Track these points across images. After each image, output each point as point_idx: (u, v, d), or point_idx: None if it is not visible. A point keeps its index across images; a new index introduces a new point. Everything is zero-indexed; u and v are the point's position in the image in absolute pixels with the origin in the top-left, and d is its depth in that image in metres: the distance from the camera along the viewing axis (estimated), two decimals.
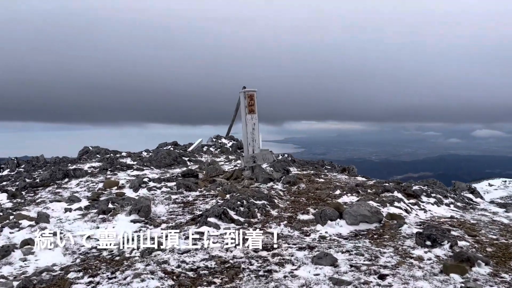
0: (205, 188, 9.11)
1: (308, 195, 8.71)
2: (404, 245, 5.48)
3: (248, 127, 10.13)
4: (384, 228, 6.29)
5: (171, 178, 9.89)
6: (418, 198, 8.67)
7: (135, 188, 9.34)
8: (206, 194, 8.77)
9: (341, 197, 8.40)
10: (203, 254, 5.27)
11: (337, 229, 6.26)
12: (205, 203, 8.14)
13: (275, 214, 7.22)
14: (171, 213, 7.55)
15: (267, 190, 8.89)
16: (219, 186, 9.03)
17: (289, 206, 7.79)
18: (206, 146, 18.35)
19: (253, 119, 10.20)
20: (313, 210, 7.33)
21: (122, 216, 7.35)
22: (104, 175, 11.44)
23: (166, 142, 20.51)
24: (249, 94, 10.17)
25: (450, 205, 8.61)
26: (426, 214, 7.84)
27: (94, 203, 8.32)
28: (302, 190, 9.19)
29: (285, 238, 5.86)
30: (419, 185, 9.25)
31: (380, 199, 8.04)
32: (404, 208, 7.81)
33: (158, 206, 7.96)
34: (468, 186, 10.08)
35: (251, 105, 10.13)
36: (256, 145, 10.22)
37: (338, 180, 10.65)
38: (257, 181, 9.47)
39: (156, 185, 9.51)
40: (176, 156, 13.52)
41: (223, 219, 6.55)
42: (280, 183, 9.41)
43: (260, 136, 16.56)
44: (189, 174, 10.22)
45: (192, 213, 7.51)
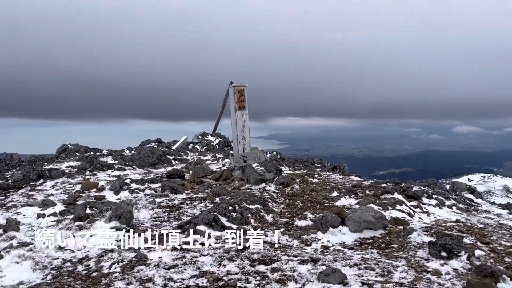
0: (193, 190, 8.45)
1: (304, 198, 8.15)
2: (416, 256, 4.95)
3: (238, 124, 9.50)
4: (391, 236, 5.76)
5: (155, 179, 9.19)
6: (419, 200, 8.20)
7: (116, 191, 8.61)
8: (194, 197, 8.12)
9: (339, 200, 7.86)
10: (193, 269, 4.65)
11: (340, 237, 5.71)
12: (192, 207, 7.49)
13: (270, 219, 6.62)
14: (155, 219, 6.88)
15: (259, 192, 8.29)
16: (208, 188, 8.39)
17: (284, 210, 7.20)
18: (191, 144, 17.64)
19: (244, 115, 9.56)
20: (311, 215, 6.76)
21: (101, 223, 6.64)
22: (83, 176, 10.65)
23: (149, 140, 19.71)
24: (239, 89, 9.53)
25: (452, 207, 8.17)
26: (430, 218, 7.37)
27: (70, 207, 7.57)
28: (296, 191, 8.62)
29: (284, 249, 5.27)
30: (419, 186, 8.79)
31: (381, 202, 7.53)
32: (406, 211, 7.33)
33: (141, 211, 7.27)
34: (468, 186, 9.68)
35: (241, 101, 9.49)
36: (247, 143, 9.60)
37: (333, 180, 10.11)
38: (248, 182, 8.86)
39: (139, 187, 8.80)
40: (160, 155, 12.79)
41: (213, 226, 5.92)
42: (273, 184, 8.82)
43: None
44: (174, 175, 9.53)
45: (179, 218, 6.85)
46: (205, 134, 18.70)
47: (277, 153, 17.63)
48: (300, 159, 17.75)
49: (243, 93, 9.53)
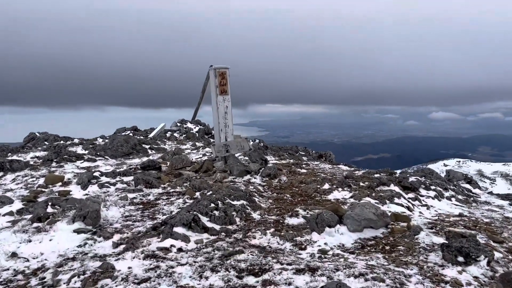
0: (170, 184, 7.62)
1: (293, 190, 7.43)
2: (428, 261, 4.29)
3: (219, 110, 8.66)
4: (394, 235, 5.10)
5: (128, 172, 8.31)
6: (416, 192, 7.60)
7: (83, 185, 7.71)
8: (171, 191, 7.29)
9: (331, 193, 7.18)
10: (169, 283, 3.87)
11: (338, 238, 5.01)
12: (169, 203, 6.68)
13: (257, 217, 5.88)
14: (127, 218, 6.04)
15: (244, 185, 7.52)
16: (187, 182, 7.57)
17: (272, 206, 6.47)
18: (169, 132, 16.68)
19: (226, 101, 8.73)
20: (302, 211, 6.05)
21: (62, 224, 5.75)
22: (48, 168, 9.65)
23: (125, 127, 18.63)
24: (220, 72, 8.67)
25: (451, 199, 7.61)
26: (431, 212, 6.78)
27: (30, 205, 6.65)
28: (284, 184, 7.90)
29: (275, 254, 4.53)
30: (416, 176, 8.18)
31: (377, 195, 6.89)
32: (405, 205, 6.71)
33: (110, 208, 6.40)
34: (464, 176, 9.16)
35: (223, 85, 8.65)
36: (230, 131, 8.79)
37: (322, 170, 9.44)
38: (232, 174, 8.08)
39: (109, 180, 7.91)
40: (135, 144, 11.84)
41: (193, 228, 5.13)
42: (259, 176, 8.07)
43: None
44: (150, 166, 8.66)
45: (154, 217, 6.03)
46: (184, 122, 17.75)
47: (260, 140, 16.89)
48: (284, 147, 17.07)
49: (225, 76, 8.68)
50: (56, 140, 15.67)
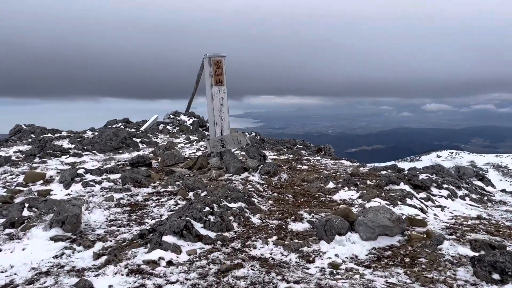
0: (161, 183, 6.99)
1: (294, 190, 6.83)
2: (458, 278, 3.71)
3: (214, 102, 8.01)
4: (413, 244, 4.52)
5: (116, 169, 7.65)
6: (428, 191, 7.03)
7: (66, 183, 7.06)
8: (162, 191, 6.66)
9: (337, 192, 6.59)
10: None
11: (350, 248, 4.42)
12: (160, 205, 6.05)
13: (257, 222, 5.27)
14: (111, 223, 5.41)
15: (241, 184, 6.91)
16: (179, 180, 6.94)
17: (273, 208, 5.86)
18: (162, 124, 15.99)
19: (221, 92, 8.07)
20: (307, 215, 5.45)
21: (38, 230, 5.11)
22: (30, 164, 8.97)
23: (115, 119, 17.91)
24: (215, 61, 8.00)
25: (465, 198, 7.06)
26: (446, 214, 6.21)
27: (4, 208, 5.99)
28: (285, 182, 7.30)
29: (279, 269, 3.94)
30: (426, 173, 7.61)
31: (387, 195, 6.30)
32: (418, 206, 6.13)
33: (94, 211, 5.77)
34: (476, 172, 8.61)
35: (219, 75, 7.98)
36: (225, 125, 8.14)
37: (324, 167, 8.84)
38: (228, 171, 7.45)
39: (95, 178, 7.26)
40: (124, 138, 11.17)
41: (185, 236, 4.52)
42: (257, 173, 7.45)
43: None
44: (139, 163, 8.01)
45: (142, 222, 5.41)
46: (177, 114, 17.05)
47: (256, 133, 16.26)
48: (282, 140, 16.47)
49: (220, 65, 8.02)
50: (43, 133, 14.93)
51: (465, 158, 72.08)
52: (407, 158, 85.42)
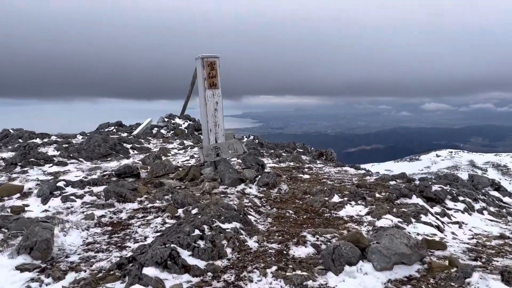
0: (148, 197, 6.33)
1: (296, 204, 6.19)
2: None
3: (208, 107, 7.36)
4: (435, 275, 3.87)
5: (100, 180, 6.99)
6: (442, 204, 6.40)
7: (44, 198, 6.40)
8: (149, 207, 6.00)
9: (343, 208, 5.94)
10: None
11: (362, 281, 3.78)
12: (145, 224, 5.40)
13: (254, 246, 4.62)
14: (89, 247, 4.76)
15: (237, 197, 6.26)
16: (168, 194, 6.29)
17: (273, 227, 5.21)
18: (156, 128, 15.33)
19: (215, 95, 7.43)
20: (311, 237, 4.80)
21: (3, 258, 4.45)
22: (9, 174, 8.31)
23: (108, 122, 17.26)
24: (209, 62, 7.36)
25: (483, 212, 6.42)
26: (465, 232, 5.57)
27: None
28: (285, 195, 6.65)
29: None
30: (439, 184, 6.97)
31: (400, 211, 5.66)
32: (434, 223, 5.49)
33: (70, 232, 5.12)
34: (491, 181, 7.97)
35: (212, 77, 7.34)
36: (220, 131, 7.49)
37: (327, 175, 8.20)
38: (223, 182, 6.80)
39: (76, 191, 6.61)
40: (114, 143, 10.51)
41: (170, 267, 3.87)
42: (255, 185, 6.80)
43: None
44: (126, 173, 7.36)
45: (123, 246, 4.76)
46: (172, 117, 16.39)
47: (254, 137, 15.62)
48: (281, 144, 15.83)
49: (214, 67, 7.37)
50: (31, 138, 14.27)
51: (464, 157, 71.69)
52: (406, 158, 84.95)
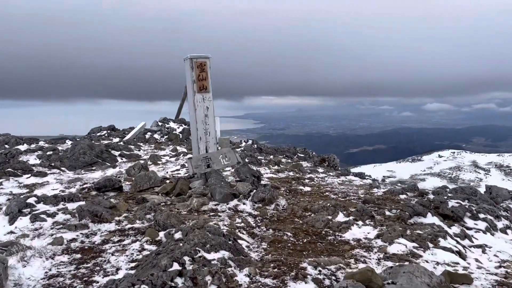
0: (127, 216, 5.60)
1: (295, 224, 5.44)
2: None
3: (198, 112, 6.63)
4: None
5: (77, 196, 6.26)
6: (460, 222, 5.65)
7: (11, 216, 5.67)
8: (127, 228, 5.27)
9: (349, 229, 5.20)
10: None
11: None
12: (120, 250, 4.66)
13: (245, 282, 3.87)
14: (50, 282, 4.02)
15: (229, 216, 5.52)
16: (151, 212, 5.56)
17: (268, 255, 4.47)
18: (149, 133, 14.61)
19: (206, 100, 6.70)
20: (312, 269, 4.06)
21: None
22: None
23: (100, 126, 16.55)
24: (198, 63, 6.64)
25: (507, 231, 5.68)
26: (489, 257, 4.83)
27: None
28: (283, 212, 5.91)
29: None
30: (456, 199, 6.22)
31: (414, 233, 4.91)
32: (454, 248, 4.74)
33: (32, 262, 4.38)
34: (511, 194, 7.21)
35: (202, 79, 6.61)
36: (212, 140, 6.76)
37: (330, 187, 7.46)
38: (213, 198, 6.07)
39: (48, 209, 5.87)
40: (101, 151, 9.79)
41: None
42: (249, 201, 6.06)
43: (218, 123, 13.04)
44: (107, 187, 6.63)
45: (90, 280, 4.02)
46: (166, 120, 15.66)
47: (253, 141, 14.88)
48: (281, 149, 15.09)
49: (204, 68, 6.64)
50: (17, 143, 13.58)
51: (467, 158, 70.90)
52: (408, 158, 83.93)
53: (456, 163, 68.04)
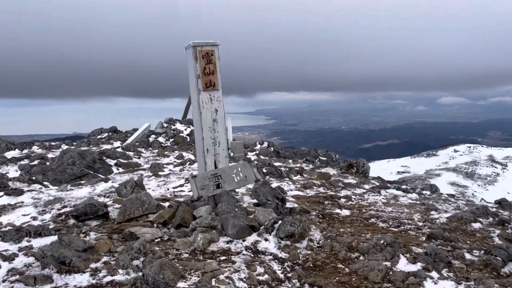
0: (107, 262, 4.09)
1: (339, 275, 3.87)
2: None
3: (204, 117, 5.09)
4: None
5: (46, 228, 4.77)
6: None
7: None
8: (105, 283, 3.76)
9: (421, 286, 3.60)
10: None
11: None
12: None
13: None
14: None
15: (246, 264, 3.97)
16: (139, 256, 4.04)
17: None
18: (153, 135, 13.13)
19: (214, 100, 5.15)
20: None
21: None
22: None
23: (102, 128, 15.15)
24: (204, 52, 5.09)
25: None
26: None
27: None
28: (320, 252, 4.34)
29: None
30: None
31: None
32: None
33: None
34: None
35: (209, 74, 5.07)
36: (222, 152, 5.22)
37: (374, 209, 5.85)
38: (225, 232, 4.52)
39: (7, 248, 4.42)
40: (93, 160, 8.33)
41: None
42: (273, 236, 4.49)
43: (229, 125, 11.50)
44: (88, 214, 5.14)
45: None
46: (172, 121, 14.17)
47: (269, 144, 13.31)
48: (300, 151, 13.49)
49: (212, 59, 5.10)
50: (8, 148, 12.25)
51: (483, 152, 68.57)
52: (423, 153, 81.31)
53: (473, 157, 65.51)
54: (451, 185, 42.08)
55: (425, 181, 22.33)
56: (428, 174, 61.44)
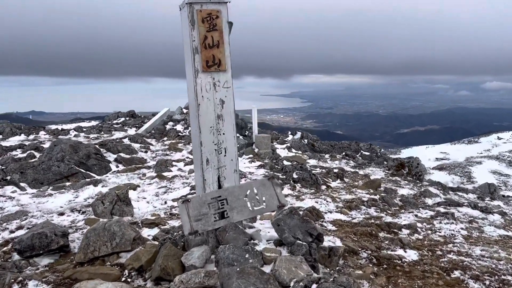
0: None
1: None
2: None
3: (202, 110, 3.40)
4: None
5: None
6: None
7: None
8: None
9: None
10: None
11: None
12: None
13: None
14: None
15: None
16: None
17: None
18: (171, 122, 11.60)
19: (219, 86, 3.44)
20: None
21: None
22: None
23: (119, 112, 13.82)
24: (206, 13, 3.35)
25: None
26: None
27: None
28: None
29: None
30: None
31: None
32: None
33: None
34: None
35: (212, 46, 3.35)
36: (230, 163, 3.53)
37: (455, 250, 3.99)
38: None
39: None
40: (88, 154, 6.87)
41: None
42: None
43: (255, 115, 9.79)
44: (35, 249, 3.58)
45: None
46: None
47: (302, 134, 11.48)
48: (339, 144, 11.60)
49: (216, 24, 3.36)
50: (13, 134, 11.12)
51: None
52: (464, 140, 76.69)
53: None
54: (493, 173, 38.81)
55: (465, 169, 20.11)
56: (468, 162, 57.83)
